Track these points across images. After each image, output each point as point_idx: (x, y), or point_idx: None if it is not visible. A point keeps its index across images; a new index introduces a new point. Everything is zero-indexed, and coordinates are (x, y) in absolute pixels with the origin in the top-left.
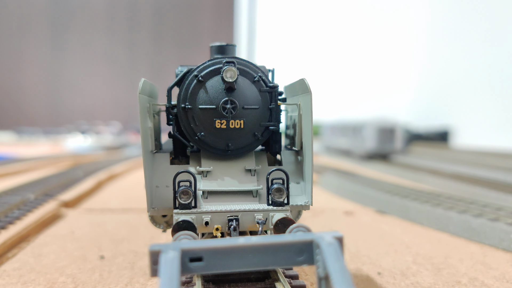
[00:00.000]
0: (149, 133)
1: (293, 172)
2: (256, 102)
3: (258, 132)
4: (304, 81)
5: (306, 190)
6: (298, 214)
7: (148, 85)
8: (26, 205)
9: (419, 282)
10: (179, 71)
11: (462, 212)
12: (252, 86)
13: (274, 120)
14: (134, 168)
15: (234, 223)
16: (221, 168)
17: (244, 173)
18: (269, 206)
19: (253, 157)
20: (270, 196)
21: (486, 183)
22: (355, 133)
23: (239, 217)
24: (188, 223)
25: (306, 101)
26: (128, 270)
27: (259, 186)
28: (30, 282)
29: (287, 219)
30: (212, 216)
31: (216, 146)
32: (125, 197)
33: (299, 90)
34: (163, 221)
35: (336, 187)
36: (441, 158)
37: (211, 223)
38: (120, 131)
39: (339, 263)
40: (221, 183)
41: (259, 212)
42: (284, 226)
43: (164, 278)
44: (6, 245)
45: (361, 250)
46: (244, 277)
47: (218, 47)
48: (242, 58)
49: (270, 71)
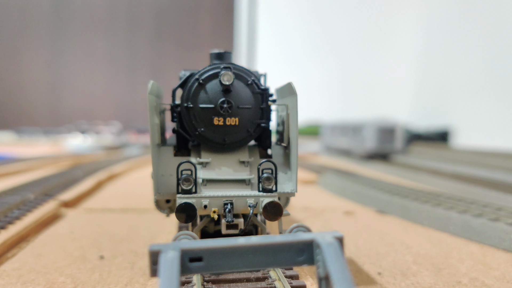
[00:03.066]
0: (156, 128)
1: (281, 164)
2: (249, 102)
3: (251, 129)
4: (291, 85)
5: (292, 179)
6: (287, 201)
7: (156, 86)
8: (25, 205)
9: (420, 282)
10: (183, 74)
11: (462, 212)
12: (246, 88)
13: (265, 118)
14: (134, 168)
15: (229, 206)
16: (218, 160)
17: (238, 164)
18: (259, 193)
19: (247, 151)
20: (261, 184)
21: (486, 183)
22: (355, 133)
23: (234, 201)
24: (190, 205)
25: (293, 102)
26: (128, 270)
27: (251, 175)
28: (29, 282)
29: (274, 202)
30: (210, 200)
31: (214, 140)
32: (125, 197)
33: (287, 93)
34: (166, 206)
35: (336, 187)
36: (441, 158)
37: (209, 206)
38: (120, 131)
39: (339, 263)
40: (218, 172)
41: (250, 198)
42: (271, 208)
43: (164, 278)
44: (5, 245)
45: (361, 250)
46: (244, 277)
47: (216, 54)
48: (238, 64)
49: (262, 76)
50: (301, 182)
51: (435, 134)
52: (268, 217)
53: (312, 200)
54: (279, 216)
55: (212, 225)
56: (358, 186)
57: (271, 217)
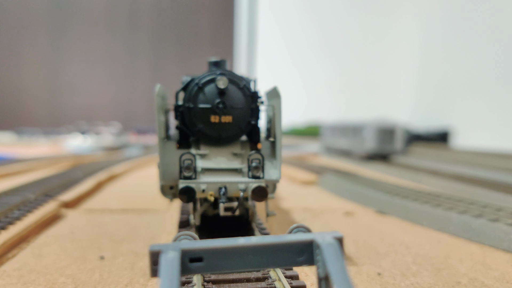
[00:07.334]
0: (162, 125)
1: (268, 156)
2: (241, 103)
3: (243, 126)
4: (276, 89)
5: (276, 167)
6: (274, 187)
7: (162, 89)
8: (26, 206)
9: (419, 282)
10: (185, 80)
11: (462, 212)
12: (238, 91)
13: (254, 117)
14: (135, 169)
15: (223, 190)
16: (215, 152)
17: (231, 155)
18: (249, 179)
19: (239, 144)
20: (250, 172)
21: (486, 183)
22: (355, 134)
23: (227, 186)
24: (190, 188)
25: (278, 103)
26: (128, 271)
27: (243, 165)
28: (30, 283)
29: (261, 187)
30: (207, 185)
31: (211, 135)
32: (125, 198)
33: (274, 95)
34: (170, 192)
35: (336, 187)
36: (441, 158)
37: (206, 190)
38: (120, 132)
39: (339, 264)
40: (215, 162)
41: (241, 183)
42: (258, 191)
43: (164, 279)
44: (6, 245)
45: (361, 251)
46: (244, 277)
47: (214, 62)
48: (232, 72)
49: (252, 81)
50: (301, 182)
51: (435, 134)
52: (256, 199)
53: (312, 200)
54: (265, 198)
55: (211, 209)
56: (358, 186)
57: (258, 198)
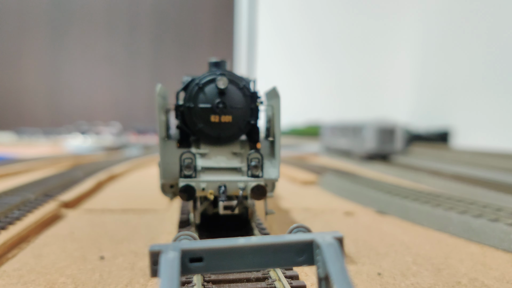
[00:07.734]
0: (163, 124)
1: (267, 155)
2: (241, 103)
3: (242, 125)
4: (275, 89)
5: (275, 166)
6: (273, 186)
7: (163, 89)
8: (26, 206)
9: (419, 282)
10: (185, 80)
11: (462, 212)
12: (238, 91)
13: (254, 117)
14: (135, 169)
15: (223, 189)
16: (215, 151)
17: (231, 155)
18: (248, 178)
19: (238, 144)
20: (249, 171)
21: (486, 183)
22: (355, 134)
23: (227, 185)
24: (190, 187)
25: (277, 103)
26: (128, 271)
27: (242, 164)
28: (30, 283)
29: (260, 185)
30: (207, 184)
31: (211, 135)
32: (125, 198)
33: (273, 95)
34: (170, 191)
35: (336, 187)
36: (441, 158)
37: (206, 189)
38: (120, 132)
39: (339, 264)
40: (214, 161)
41: (241, 182)
42: (257, 190)
43: (164, 279)
44: (6, 245)
45: (361, 251)
46: (244, 277)
47: (214, 63)
48: (232, 72)
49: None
50: (301, 182)
51: (435, 134)
52: (255, 197)
53: (312, 200)
54: (264, 197)
55: (211, 207)
56: (358, 186)
57: (257, 197)
